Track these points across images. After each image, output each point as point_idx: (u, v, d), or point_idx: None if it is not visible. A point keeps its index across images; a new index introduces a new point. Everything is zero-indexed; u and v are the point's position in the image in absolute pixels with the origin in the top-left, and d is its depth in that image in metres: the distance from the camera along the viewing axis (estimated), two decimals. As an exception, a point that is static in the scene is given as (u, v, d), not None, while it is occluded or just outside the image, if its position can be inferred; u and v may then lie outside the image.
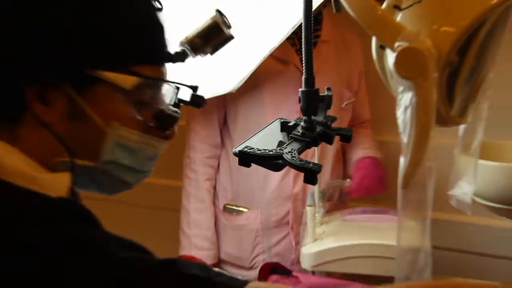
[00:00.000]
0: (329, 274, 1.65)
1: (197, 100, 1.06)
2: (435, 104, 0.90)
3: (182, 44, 1.05)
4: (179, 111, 1.06)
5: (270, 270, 1.61)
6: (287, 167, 1.86)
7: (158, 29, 0.98)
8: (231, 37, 1.08)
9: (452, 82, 0.98)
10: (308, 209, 1.73)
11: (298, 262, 1.78)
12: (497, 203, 1.66)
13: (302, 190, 2.02)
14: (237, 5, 1.54)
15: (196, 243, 2.11)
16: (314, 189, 1.75)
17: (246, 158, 1.14)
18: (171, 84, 1.03)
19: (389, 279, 1.65)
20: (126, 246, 0.86)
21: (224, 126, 2.13)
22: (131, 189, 1.07)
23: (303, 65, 1.18)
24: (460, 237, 2.20)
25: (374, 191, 1.93)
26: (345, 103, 2.03)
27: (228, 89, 1.73)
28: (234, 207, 2.13)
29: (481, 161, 1.37)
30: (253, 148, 1.15)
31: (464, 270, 1.96)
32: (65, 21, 0.86)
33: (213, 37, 1.06)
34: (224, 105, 2.10)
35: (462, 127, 1.22)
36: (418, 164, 0.89)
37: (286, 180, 2.02)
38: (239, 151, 1.15)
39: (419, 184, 0.91)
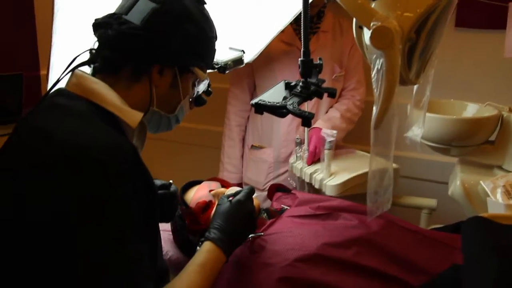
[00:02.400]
0: (347, 197, 1.66)
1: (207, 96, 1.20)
2: (399, 68, 0.88)
3: (221, 62, 1.28)
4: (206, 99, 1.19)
5: (275, 189, 1.60)
6: (291, 118, 1.89)
7: (214, 47, 1.11)
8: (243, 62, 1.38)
9: (411, 54, 0.96)
10: (326, 152, 1.70)
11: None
12: (436, 143, 1.66)
13: (302, 135, 1.99)
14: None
15: (227, 168, 2.19)
16: (332, 137, 1.72)
17: (260, 108, 1.15)
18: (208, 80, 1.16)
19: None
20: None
21: (254, 90, 2.16)
22: (170, 130, 1.14)
23: (302, 43, 1.18)
24: (411, 168, 2.20)
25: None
26: (335, 75, 2.02)
27: (246, 60, 1.71)
28: (257, 146, 2.15)
29: (428, 113, 1.36)
30: (265, 100, 1.15)
31: (411, 191, 1.97)
32: (188, 39, 1.00)
33: (237, 63, 1.33)
34: (252, 74, 2.12)
35: (415, 88, 1.21)
36: (386, 111, 0.88)
37: (291, 128, 2.03)
38: (255, 102, 1.15)
39: (386, 126, 0.90)
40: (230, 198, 1.13)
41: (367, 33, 0.94)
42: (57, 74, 1.05)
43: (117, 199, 0.80)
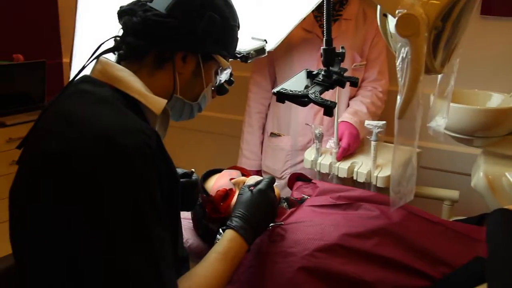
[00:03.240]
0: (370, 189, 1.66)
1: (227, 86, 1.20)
2: (424, 56, 0.87)
3: (244, 52, 1.25)
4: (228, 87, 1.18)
5: (296, 178, 1.59)
6: (309, 106, 1.86)
7: (237, 36, 1.11)
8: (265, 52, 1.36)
9: (436, 42, 0.95)
10: (373, 144, 1.64)
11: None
12: (459, 134, 1.63)
13: (319, 124, 1.96)
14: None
15: (245, 154, 2.18)
16: (380, 128, 1.68)
17: (282, 96, 1.15)
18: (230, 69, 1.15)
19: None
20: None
21: (276, 78, 2.13)
22: (192, 118, 1.14)
23: (324, 32, 1.18)
24: (433, 158, 2.17)
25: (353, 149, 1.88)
26: (355, 64, 1.98)
27: (268, 48, 1.70)
28: (276, 133, 2.13)
29: (451, 104, 1.34)
30: (286, 89, 1.15)
31: (433, 182, 1.94)
32: (212, 26, 1.00)
33: (260, 53, 1.32)
34: (273, 63, 2.10)
35: (439, 77, 1.19)
36: (410, 100, 0.87)
37: (309, 116, 1.99)
38: (276, 91, 1.15)
39: (411, 116, 0.88)
40: (252, 188, 1.13)
41: (392, 21, 0.93)
42: (80, 61, 1.07)
43: (142, 183, 0.81)
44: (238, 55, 1.21)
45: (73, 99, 0.90)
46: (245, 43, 1.28)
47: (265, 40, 1.38)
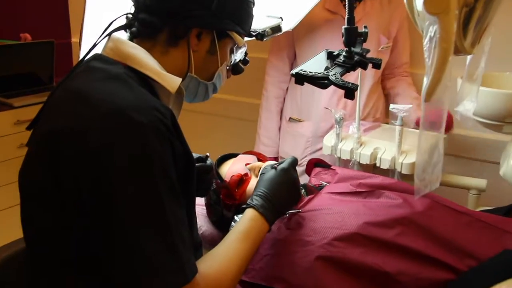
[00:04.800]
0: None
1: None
2: (454, 35, 0.85)
3: (259, 30, 1.25)
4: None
5: (314, 164, 1.59)
6: (333, 90, 1.85)
7: (252, 13, 1.10)
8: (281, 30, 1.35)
9: (467, 21, 0.93)
10: (398, 129, 1.63)
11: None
12: (488, 119, 1.61)
13: (343, 109, 1.94)
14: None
15: (263, 140, 2.18)
16: (405, 112, 1.66)
17: (300, 78, 1.14)
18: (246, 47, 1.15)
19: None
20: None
21: (294, 60, 2.12)
22: (206, 100, 1.15)
23: (347, 10, 1.17)
24: (459, 145, 2.15)
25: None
26: (382, 47, 1.95)
27: (286, 28, 1.69)
28: (295, 119, 2.12)
29: (481, 87, 1.32)
30: (306, 70, 1.14)
31: (459, 170, 1.92)
32: (227, 2, 1.00)
33: (276, 31, 1.31)
34: (293, 44, 2.08)
35: (468, 59, 1.16)
36: (438, 82, 0.85)
37: (333, 101, 1.98)
38: (295, 72, 1.14)
39: (438, 99, 0.87)
40: (275, 166, 1.13)
41: (419, -2, 0.91)
42: (90, 41, 1.07)
43: (157, 160, 0.81)
44: (253, 33, 1.21)
45: (83, 77, 0.90)
46: (260, 22, 1.28)
47: (280, 18, 1.37)
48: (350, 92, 1.10)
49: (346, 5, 1.16)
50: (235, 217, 1.12)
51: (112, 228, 0.78)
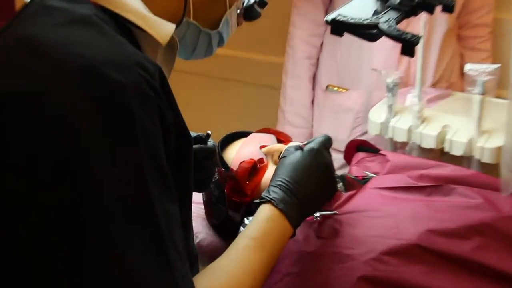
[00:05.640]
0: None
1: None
2: None
3: None
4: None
5: (357, 147, 1.58)
6: (391, 45, 1.81)
7: None
8: None
9: None
10: (477, 98, 1.59)
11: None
12: None
13: (407, 72, 1.91)
14: None
15: (289, 119, 2.15)
16: (490, 75, 1.60)
17: (339, 27, 1.12)
18: None
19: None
20: None
21: (330, 5, 2.07)
22: (209, 57, 1.14)
23: None
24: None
25: None
26: None
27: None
28: (336, 87, 2.08)
29: None
30: (346, 16, 1.11)
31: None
32: None
33: None
34: None
35: None
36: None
37: (391, 60, 1.93)
38: (331, 19, 1.11)
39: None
40: (301, 146, 1.13)
41: None
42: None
43: (141, 134, 0.78)
44: None
45: (38, 20, 0.87)
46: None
47: None
48: (409, 46, 1.07)
49: None
50: (245, 220, 1.13)
51: (79, 230, 0.75)
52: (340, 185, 1.36)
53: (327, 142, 1.15)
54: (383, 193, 1.27)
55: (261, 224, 1.00)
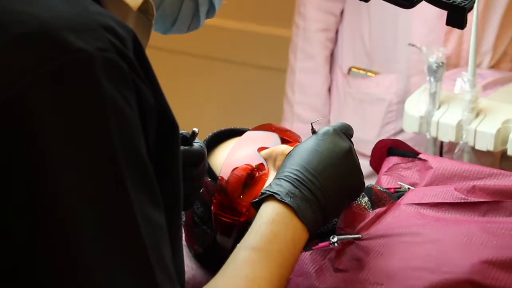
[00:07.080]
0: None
1: None
2: None
3: None
4: None
5: (388, 150, 1.57)
6: (437, 14, 1.82)
7: None
8: None
9: None
10: None
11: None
12: None
13: (456, 50, 1.93)
14: None
15: (299, 113, 2.16)
16: None
17: None
18: None
19: None
20: None
21: None
22: (195, 30, 1.15)
23: None
24: None
25: None
26: None
27: None
28: (362, 70, 2.09)
29: None
30: None
31: None
32: None
33: None
34: None
35: None
36: None
37: (436, 34, 1.95)
38: None
39: None
40: (316, 130, 1.16)
41: None
42: None
43: (113, 117, 0.78)
44: None
45: None
46: None
47: None
48: (457, 13, 1.09)
49: None
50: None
51: (42, 252, 0.76)
52: (365, 200, 1.36)
53: (346, 128, 1.18)
54: (423, 212, 1.28)
55: (264, 228, 1.03)
